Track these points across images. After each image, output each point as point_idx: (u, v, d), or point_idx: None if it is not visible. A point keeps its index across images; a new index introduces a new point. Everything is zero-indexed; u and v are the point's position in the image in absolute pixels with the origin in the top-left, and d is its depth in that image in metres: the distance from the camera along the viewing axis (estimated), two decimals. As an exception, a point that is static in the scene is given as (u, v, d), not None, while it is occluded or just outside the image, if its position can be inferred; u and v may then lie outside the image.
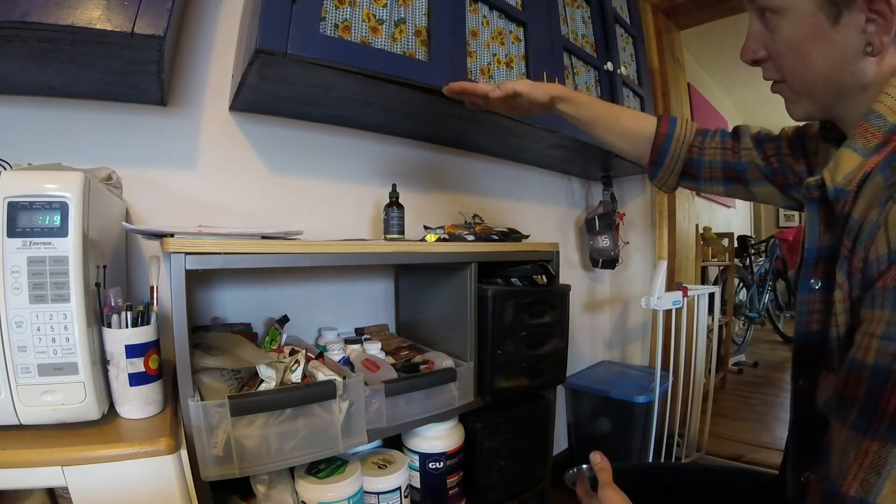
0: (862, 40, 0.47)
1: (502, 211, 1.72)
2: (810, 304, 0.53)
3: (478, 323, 1.08)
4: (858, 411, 0.40)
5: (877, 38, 0.46)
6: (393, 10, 0.97)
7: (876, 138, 0.46)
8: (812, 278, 0.53)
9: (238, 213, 1.11)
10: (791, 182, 0.69)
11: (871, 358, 0.39)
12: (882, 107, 0.46)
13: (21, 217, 0.56)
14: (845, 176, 0.48)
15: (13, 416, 0.59)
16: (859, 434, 0.39)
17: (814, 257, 0.53)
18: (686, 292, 1.67)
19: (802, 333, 0.54)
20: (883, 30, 0.45)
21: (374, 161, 1.34)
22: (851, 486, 0.39)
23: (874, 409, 0.38)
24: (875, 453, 0.38)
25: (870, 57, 0.47)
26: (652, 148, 0.79)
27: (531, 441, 1.23)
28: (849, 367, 0.42)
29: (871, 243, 0.42)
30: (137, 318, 0.68)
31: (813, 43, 0.49)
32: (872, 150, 0.46)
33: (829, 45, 0.48)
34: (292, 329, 1.15)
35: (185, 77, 1.04)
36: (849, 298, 0.45)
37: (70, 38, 0.68)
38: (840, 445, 0.41)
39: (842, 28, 0.47)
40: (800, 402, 0.56)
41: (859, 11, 0.46)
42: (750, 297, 3.57)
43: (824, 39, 0.48)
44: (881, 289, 0.39)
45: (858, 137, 0.48)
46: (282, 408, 0.78)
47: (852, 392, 0.41)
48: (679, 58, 2.20)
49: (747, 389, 2.94)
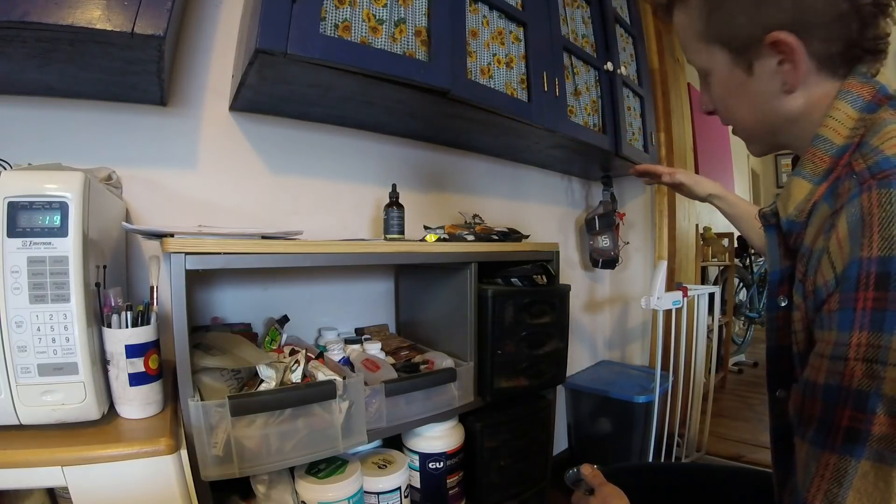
0: (777, 82, 0.49)
1: (502, 211, 1.72)
2: (778, 320, 0.55)
3: (478, 323, 1.08)
4: (816, 428, 0.42)
5: (790, 76, 0.48)
6: (393, 10, 0.97)
7: (824, 163, 0.48)
8: (780, 296, 0.55)
9: (238, 213, 1.11)
10: None
11: (821, 378, 0.41)
12: (827, 130, 0.47)
13: (21, 217, 0.56)
14: (796, 206, 0.50)
15: (13, 416, 0.59)
16: (818, 449, 0.41)
17: (777, 279, 0.56)
18: (686, 292, 1.67)
19: (774, 348, 0.57)
20: (794, 67, 0.47)
21: (374, 161, 1.34)
22: (816, 497, 0.41)
23: (829, 425, 0.40)
24: (834, 465, 0.40)
25: (789, 94, 0.50)
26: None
27: (531, 441, 1.23)
28: (804, 387, 0.44)
29: (818, 269, 0.44)
30: (137, 318, 0.68)
31: (735, 97, 0.54)
32: (821, 176, 0.48)
33: (749, 94, 0.52)
34: (292, 329, 1.15)
35: (185, 77, 1.04)
36: (805, 318, 0.47)
37: (70, 38, 0.68)
38: (803, 460, 0.43)
39: (756, 76, 0.51)
40: (778, 413, 0.57)
41: (767, 57, 0.49)
42: (750, 297, 3.57)
43: (744, 91, 0.53)
44: (828, 312, 0.42)
45: (807, 163, 0.49)
46: (282, 408, 0.78)
47: (809, 410, 0.43)
48: (679, 58, 2.20)
49: (747, 389, 2.94)
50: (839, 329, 0.40)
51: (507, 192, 1.74)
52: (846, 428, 0.39)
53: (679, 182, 0.97)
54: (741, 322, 3.55)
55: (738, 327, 3.53)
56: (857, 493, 0.38)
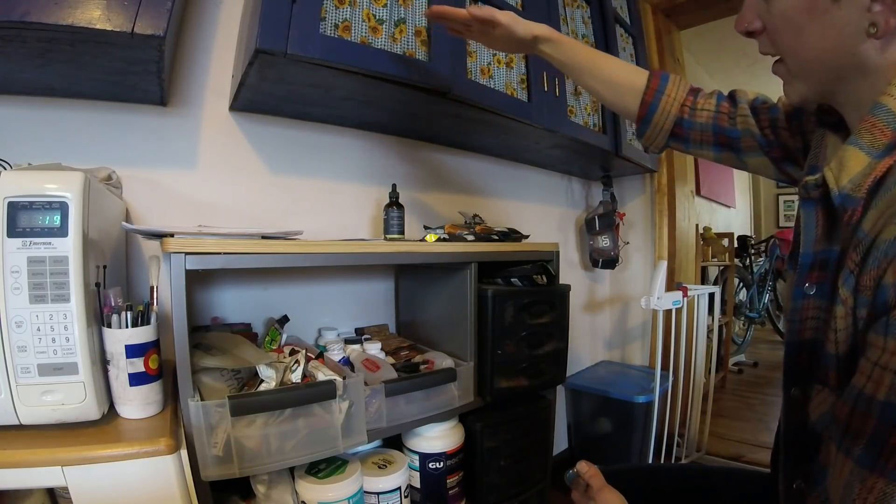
0: (865, 20, 0.42)
1: (502, 211, 1.72)
2: (804, 311, 0.50)
3: (478, 323, 1.08)
4: (865, 446, 0.38)
5: (882, 18, 0.42)
6: (393, 10, 0.97)
7: (885, 136, 0.42)
8: (807, 283, 0.50)
9: (238, 212, 1.11)
10: (785, 156, 0.65)
11: (882, 394, 0.37)
12: (891, 100, 0.42)
13: (21, 217, 0.56)
14: (852, 180, 0.43)
15: (13, 416, 0.59)
16: (865, 469, 0.38)
17: (809, 262, 0.50)
18: (686, 292, 1.67)
19: (795, 342, 0.52)
20: (890, 10, 0.41)
21: (374, 161, 1.34)
22: None
23: (882, 446, 0.37)
24: (881, 490, 0.36)
25: (873, 39, 0.43)
26: (641, 103, 0.74)
27: (531, 441, 1.23)
28: (856, 399, 0.39)
29: (887, 265, 0.38)
30: (137, 318, 0.68)
31: (810, 17, 0.46)
32: (882, 150, 0.42)
33: (828, 21, 0.45)
34: (292, 329, 1.15)
35: (185, 77, 1.04)
36: (852, 315, 0.42)
37: (70, 38, 0.68)
38: (844, 477, 0.40)
39: (843, 4, 0.43)
40: (792, 412, 0.54)
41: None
42: (750, 297, 3.57)
43: (823, 15, 0.45)
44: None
45: (865, 133, 0.43)
46: (282, 408, 0.78)
47: (859, 425, 0.39)
48: (679, 58, 2.20)
49: (747, 389, 2.94)
50: None
51: (507, 192, 1.74)
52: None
53: (492, 18, 0.76)
54: (741, 322, 3.55)
55: (738, 327, 3.53)
56: None
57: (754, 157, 0.69)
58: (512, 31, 0.77)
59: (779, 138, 0.65)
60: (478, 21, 0.77)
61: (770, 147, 0.66)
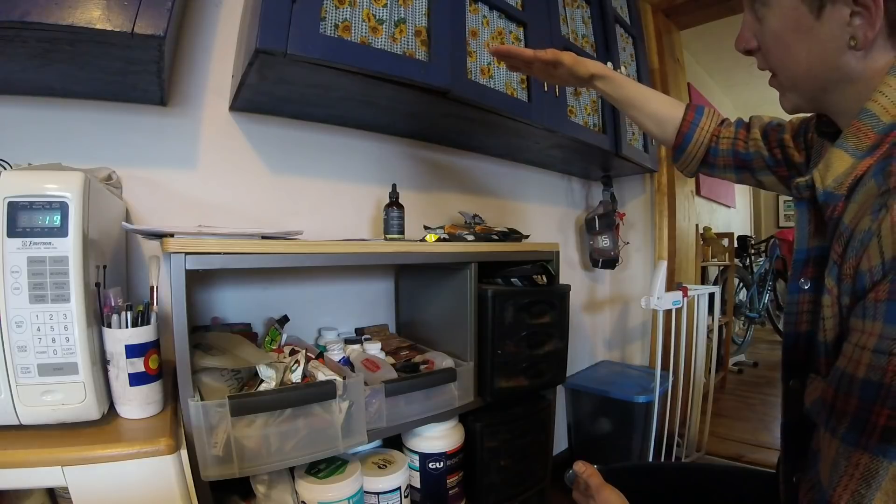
0: (846, 34, 0.46)
1: (502, 211, 1.72)
2: (799, 304, 0.53)
3: (478, 323, 1.08)
4: (849, 424, 0.40)
5: (861, 32, 0.45)
6: (393, 10, 0.97)
7: (869, 139, 0.45)
8: (801, 278, 0.53)
9: (238, 212, 1.11)
10: (792, 173, 0.69)
11: (861, 372, 0.39)
12: (876, 106, 0.45)
13: (21, 217, 0.56)
14: (835, 179, 0.47)
15: (13, 416, 0.59)
16: (850, 447, 0.39)
17: (803, 258, 0.53)
18: (686, 292, 1.67)
19: (792, 335, 0.54)
20: (868, 24, 0.45)
21: (374, 161, 1.34)
22: (842, 496, 0.39)
23: (865, 423, 0.38)
24: (865, 466, 0.38)
25: (854, 51, 0.46)
26: (677, 133, 0.81)
27: (531, 441, 1.23)
28: (839, 380, 0.41)
29: (863, 252, 0.41)
30: (137, 318, 0.68)
31: (796, 35, 0.50)
32: (865, 151, 0.45)
33: (813, 37, 0.48)
34: (292, 329, 1.15)
35: (185, 77, 1.04)
36: (837, 303, 0.44)
37: (70, 38, 0.68)
38: (830, 456, 0.42)
39: (825, 21, 0.47)
40: (791, 404, 0.56)
41: (843, 5, 0.45)
42: (750, 297, 3.57)
43: (807, 32, 0.49)
44: (874, 301, 0.39)
45: (850, 137, 0.47)
46: (282, 408, 0.78)
47: (843, 405, 0.41)
48: (679, 58, 2.20)
49: (747, 389, 2.94)
50: (886, 321, 0.37)
51: (507, 192, 1.74)
52: (883, 427, 0.37)
53: (555, 60, 0.79)
54: (741, 322, 3.55)
55: (738, 327, 3.53)
56: (885, 495, 0.37)
57: (766, 176, 0.74)
58: (574, 71, 0.81)
59: (787, 156, 0.70)
60: (541, 61, 0.81)
61: (777, 165, 0.71)
